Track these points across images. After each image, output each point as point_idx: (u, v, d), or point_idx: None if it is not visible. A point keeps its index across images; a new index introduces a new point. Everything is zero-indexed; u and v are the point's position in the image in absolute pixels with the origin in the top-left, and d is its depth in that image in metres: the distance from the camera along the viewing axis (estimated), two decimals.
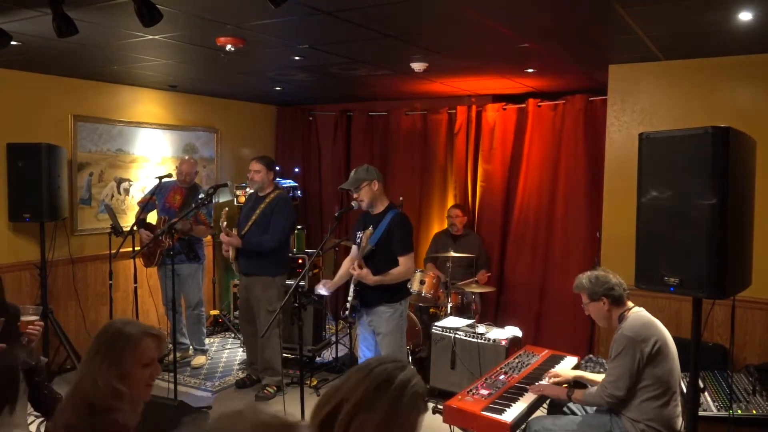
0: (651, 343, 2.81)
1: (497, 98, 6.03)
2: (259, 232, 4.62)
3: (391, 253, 3.72)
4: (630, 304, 3.04)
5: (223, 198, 6.45)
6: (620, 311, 3.00)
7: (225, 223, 4.67)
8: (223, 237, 4.63)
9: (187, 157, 5.68)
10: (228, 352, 5.81)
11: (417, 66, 4.42)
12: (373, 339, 3.89)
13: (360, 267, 3.67)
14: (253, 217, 4.66)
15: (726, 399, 3.34)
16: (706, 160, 2.22)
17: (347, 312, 3.83)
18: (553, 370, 3.53)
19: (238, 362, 5.51)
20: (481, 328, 4.54)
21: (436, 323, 4.70)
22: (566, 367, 3.69)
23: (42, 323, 2.80)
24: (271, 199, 4.70)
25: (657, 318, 2.99)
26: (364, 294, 3.77)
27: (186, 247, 5.20)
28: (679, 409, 2.92)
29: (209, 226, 5.32)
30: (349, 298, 3.80)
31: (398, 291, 3.80)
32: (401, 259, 3.72)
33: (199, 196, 4.72)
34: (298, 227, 6.45)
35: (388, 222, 3.73)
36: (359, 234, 3.88)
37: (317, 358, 5.44)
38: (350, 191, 3.81)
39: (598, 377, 3.20)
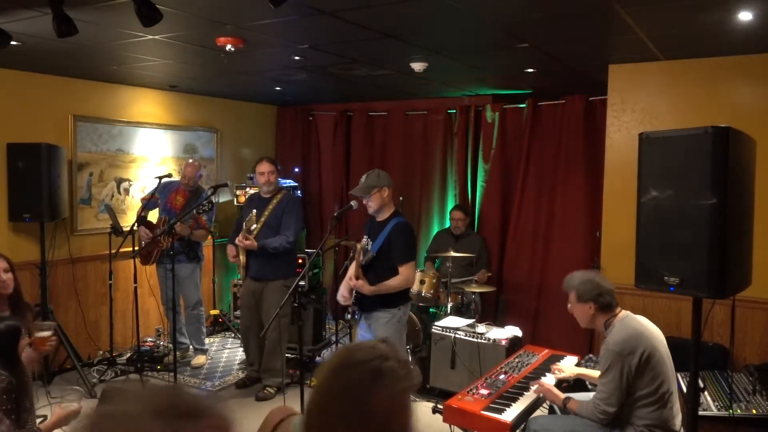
0: (638, 355, 2.78)
1: (497, 98, 6.03)
2: (271, 233, 4.58)
3: (391, 260, 3.69)
4: (617, 309, 2.99)
5: (223, 198, 6.45)
6: (606, 317, 2.96)
7: (254, 233, 4.52)
8: (239, 241, 4.51)
9: (191, 161, 5.51)
10: (228, 352, 5.81)
11: (417, 66, 4.42)
12: None
13: (357, 277, 3.66)
14: (263, 219, 4.64)
15: (726, 399, 3.34)
16: (706, 160, 2.21)
17: (349, 316, 3.87)
18: (558, 364, 3.54)
19: (238, 362, 5.51)
20: (481, 328, 4.54)
21: (436, 323, 4.70)
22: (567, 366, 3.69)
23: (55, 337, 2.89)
24: (279, 199, 4.68)
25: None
26: (362, 299, 3.77)
27: (186, 247, 5.20)
28: (677, 408, 2.91)
29: (209, 231, 5.30)
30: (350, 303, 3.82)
31: (396, 296, 3.74)
32: (400, 269, 3.67)
33: (202, 200, 4.66)
34: None
35: (390, 230, 3.70)
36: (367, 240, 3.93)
37: (317, 358, 5.43)
38: (362, 198, 3.77)
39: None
